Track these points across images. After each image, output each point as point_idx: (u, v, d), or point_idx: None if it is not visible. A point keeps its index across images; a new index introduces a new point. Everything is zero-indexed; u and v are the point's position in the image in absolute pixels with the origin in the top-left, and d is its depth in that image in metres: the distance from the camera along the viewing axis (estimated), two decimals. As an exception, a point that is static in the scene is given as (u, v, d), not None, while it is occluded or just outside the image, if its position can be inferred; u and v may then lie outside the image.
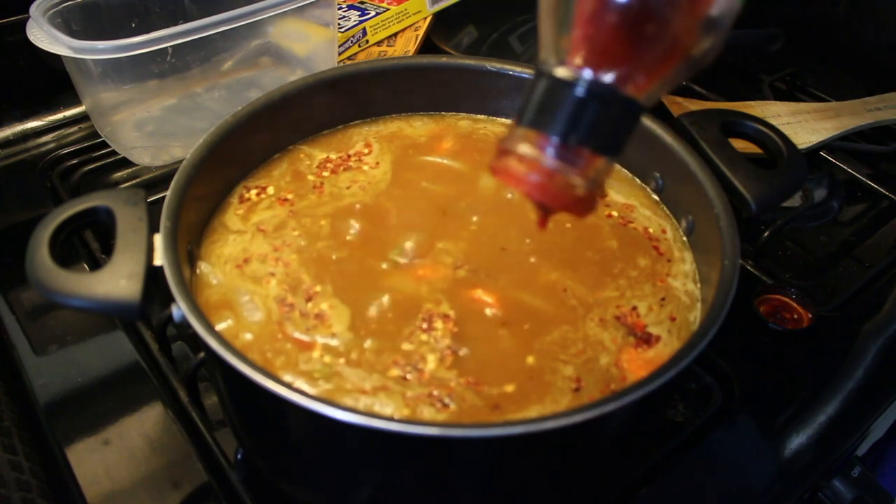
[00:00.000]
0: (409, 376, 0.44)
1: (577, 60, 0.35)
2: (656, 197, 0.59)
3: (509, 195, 0.57)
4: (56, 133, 0.86)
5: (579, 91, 0.35)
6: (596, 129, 0.36)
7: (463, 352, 0.46)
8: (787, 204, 0.76)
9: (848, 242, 0.77)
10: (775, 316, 0.66)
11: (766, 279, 0.69)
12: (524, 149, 0.37)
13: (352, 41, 0.89)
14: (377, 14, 0.91)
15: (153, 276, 0.42)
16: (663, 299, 0.51)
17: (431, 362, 0.45)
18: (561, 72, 0.35)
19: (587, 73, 0.35)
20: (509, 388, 0.44)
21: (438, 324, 0.47)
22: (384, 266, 0.51)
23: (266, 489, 0.51)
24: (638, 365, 0.47)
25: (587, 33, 0.35)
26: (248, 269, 0.51)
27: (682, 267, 0.53)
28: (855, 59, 1.04)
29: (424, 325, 0.47)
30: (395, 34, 0.93)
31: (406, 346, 0.46)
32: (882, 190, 0.81)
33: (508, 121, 0.65)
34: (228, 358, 0.38)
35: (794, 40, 0.99)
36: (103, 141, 0.79)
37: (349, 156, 0.61)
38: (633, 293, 0.51)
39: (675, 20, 0.34)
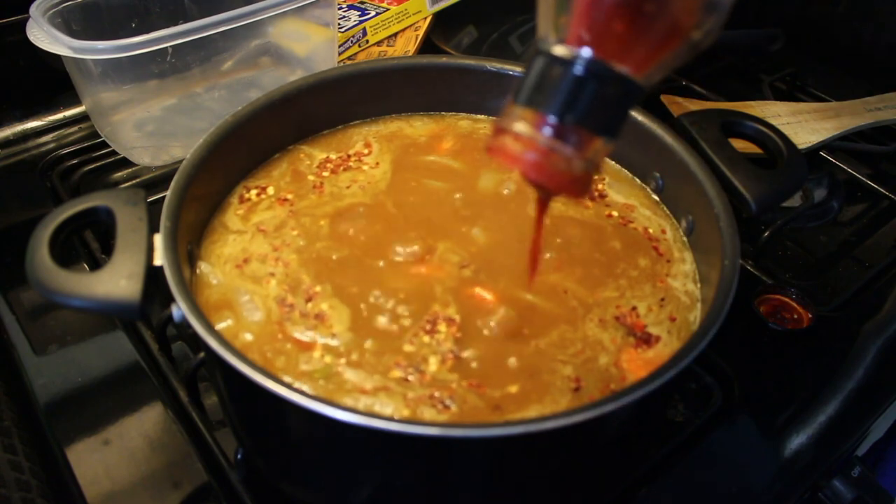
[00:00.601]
0: (410, 378, 0.44)
1: (576, 39, 0.34)
2: (656, 197, 0.59)
3: (506, 190, 0.57)
4: (56, 133, 0.86)
5: (577, 69, 0.34)
6: (593, 108, 0.35)
7: (466, 354, 0.46)
8: (787, 204, 0.76)
9: (848, 242, 0.77)
10: (775, 316, 0.66)
11: (766, 279, 0.69)
12: (520, 127, 0.36)
13: (352, 41, 0.89)
14: (377, 14, 0.91)
15: (153, 276, 0.42)
16: (663, 299, 0.51)
17: (433, 364, 0.45)
18: (559, 50, 0.35)
19: (586, 52, 0.34)
20: (512, 389, 0.44)
21: (442, 327, 0.47)
22: (384, 266, 0.51)
23: (266, 489, 0.51)
24: (638, 365, 0.47)
25: (587, 11, 0.34)
26: (248, 269, 0.51)
27: (681, 267, 0.53)
28: (855, 59, 1.04)
29: (428, 327, 0.47)
30: (395, 34, 0.93)
31: (408, 348, 0.46)
32: (882, 190, 0.81)
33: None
34: (228, 358, 0.38)
35: (794, 40, 1.00)
36: (103, 141, 0.79)
37: (349, 156, 0.61)
38: (633, 293, 0.51)
39: None
